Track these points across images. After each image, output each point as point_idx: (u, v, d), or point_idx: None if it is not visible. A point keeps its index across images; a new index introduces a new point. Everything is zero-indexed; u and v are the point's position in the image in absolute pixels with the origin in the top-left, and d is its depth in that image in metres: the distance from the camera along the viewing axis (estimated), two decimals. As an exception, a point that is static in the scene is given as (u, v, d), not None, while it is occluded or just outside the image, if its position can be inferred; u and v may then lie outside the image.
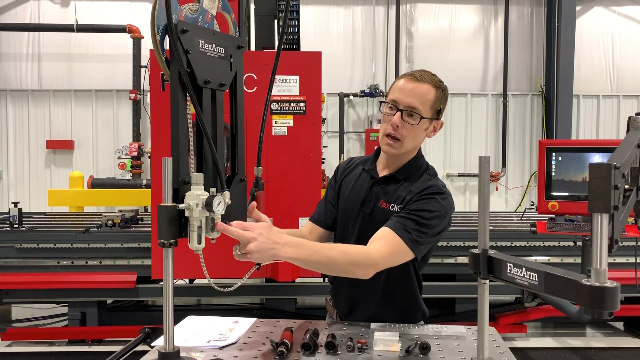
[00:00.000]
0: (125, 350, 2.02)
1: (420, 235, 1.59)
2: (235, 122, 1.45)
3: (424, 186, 1.69)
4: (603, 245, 0.98)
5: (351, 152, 8.07)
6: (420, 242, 1.60)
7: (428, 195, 1.66)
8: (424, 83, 1.68)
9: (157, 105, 3.74)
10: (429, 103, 1.68)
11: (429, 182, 1.72)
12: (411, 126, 1.67)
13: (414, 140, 1.72)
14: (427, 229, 1.60)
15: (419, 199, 1.66)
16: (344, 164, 1.98)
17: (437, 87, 1.70)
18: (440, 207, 1.64)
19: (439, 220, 1.64)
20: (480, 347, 1.29)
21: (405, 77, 1.72)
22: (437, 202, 1.65)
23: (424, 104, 1.67)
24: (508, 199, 8.21)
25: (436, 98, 1.69)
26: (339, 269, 1.53)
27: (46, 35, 7.83)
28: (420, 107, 1.66)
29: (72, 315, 4.22)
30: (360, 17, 8.06)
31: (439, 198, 1.66)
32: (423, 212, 1.62)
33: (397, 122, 1.67)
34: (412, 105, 1.66)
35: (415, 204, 1.65)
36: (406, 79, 1.70)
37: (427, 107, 1.68)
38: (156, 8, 1.25)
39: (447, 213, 1.67)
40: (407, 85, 1.68)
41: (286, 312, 4.31)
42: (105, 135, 7.92)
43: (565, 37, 7.59)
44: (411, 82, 1.68)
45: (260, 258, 1.36)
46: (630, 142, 1.25)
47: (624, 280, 1.72)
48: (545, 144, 3.46)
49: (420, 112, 1.67)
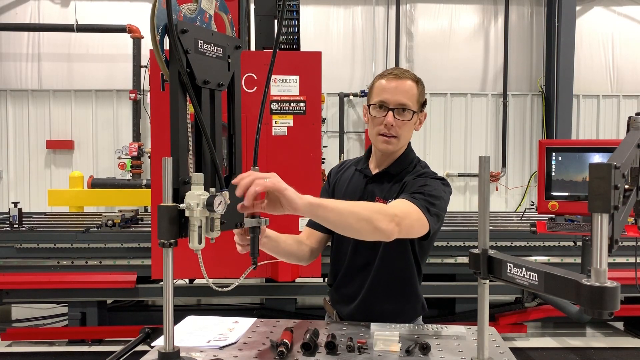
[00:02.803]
0: (125, 350, 2.02)
1: (430, 205, 1.60)
2: (233, 122, 1.45)
3: (419, 173, 1.75)
4: (603, 245, 0.98)
5: (351, 152, 8.07)
6: (431, 210, 1.59)
7: (424, 176, 1.72)
8: (405, 79, 1.72)
9: (157, 105, 3.74)
10: (415, 97, 1.73)
11: (422, 170, 1.78)
12: (404, 122, 1.72)
13: (408, 135, 1.77)
14: (433, 199, 1.62)
15: (416, 179, 1.71)
16: (336, 167, 2.01)
17: (417, 82, 1.75)
18: (437, 184, 1.69)
19: (441, 195, 1.67)
20: (480, 347, 1.29)
21: (384, 76, 1.74)
22: (434, 181, 1.70)
23: (411, 99, 1.72)
24: (508, 199, 8.20)
25: (419, 92, 1.75)
26: (364, 216, 1.42)
27: (46, 35, 7.82)
28: (409, 103, 1.71)
29: (72, 315, 4.23)
30: (360, 17, 8.05)
31: (435, 178, 1.72)
32: (424, 186, 1.65)
33: (392, 121, 1.70)
34: (402, 102, 1.70)
35: (413, 182, 1.69)
36: (387, 79, 1.73)
37: (414, 101, 1.73)
38: (156, 8, 1.25)
39: (445, 191, 1.70)
40: (391, 84, 1.71)
41: (286, 312, 4.31)
42: (105, 135, 7.91)
43: (565, 37, 7.58)
44: (394, 80, 1.72)
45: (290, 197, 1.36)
46: (630, 142, 1.25)
47: (624, 280, 1.72)
48: (545, 144, 3.46)
49: (411, 107, 1.71)
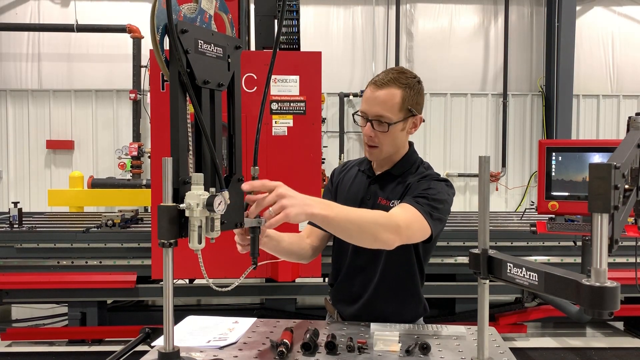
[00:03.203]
0: (125, 350, 2.02)
1: (433, 210, 1.60)
2: (233, 122, 1.45)
3: (422, 175, 1.76)
4: (603, 245, 0.98)
5: (351, 152, 8.07)
6: (433, 216, 1.60)
7: (428, 178, 1.73)
8: (386, 88, 1.67)
9: (157, 105, 3.74)
10: (396, 107, 1.67)
11: (425, 172, 1.78)
12: (382, 133, 1.69)
13: (393, 143, 1.74)
14: (436, 203, 1.62)
15: (420, 181, 1.71)
16: (338, 168, 2.02)
17: (403, 87, 1.67)
18: (441, 187, 1.69)
19: (445, 198, 1.67)
20: (480, 347, 1.29)
21: (370, 84, 1.72)
22: (438, 183, 1.70)
23: (390, 109, 1.67)
24: (508, 199, 8.20)
25: (403, 98, 1.67)
26: (366, 229, 1.46)
27: (46, 35, 7.82)
28: (386, 114, 1.67)
29: (72, 315, 4.23)
30: (360, 17, 8.05)
31: (438, 180, 1.72)
32: (428, 189, 1.65)
33: (369, 133, 1.71)
34: (378, 114, 1.68)
35: (417, 184, 1.70)
36: (370, 88, 1.71)
37: (395, 111, 1.67)
38: (156, 8, 1.25)
39: (449, 193, 1.70)
40: (371, 94, 1.69)
41: (286, 312, 4.31)
42: (105, 135, 7.91)
43: (565, 37, 7.58)
44: (375, 90, 1.69)
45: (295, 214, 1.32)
46: (630, 142, 1.25)
47: (624, 280, 1.72)
48: (545, 144, 3.46)
49: (388, 120, 1.67)
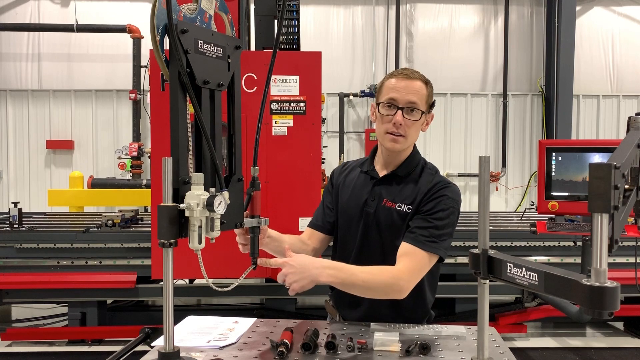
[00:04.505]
0: (125, 350, 2.02)
1: (441, 238, 1.66)
2: (233, 122, 1.45)
3: (431, 184, 1.74)
4: (603, 245, 0.98)
5: (351, 152, 8.07)
6: (440, 244, 1.66)
7: (438, 194, 1.71)
8: (415, 80, 1.74)
9: (157, 105, 3.74)
10: (424, 98, 1.74)
11: (433, 178, 1.77)
12: (412, 122, 1.72)
13: (415, 135, 1.78)
14: (446, 229, 1.68)
15: (430, 199, 1.71)
16: (338, 168, 2.01)
17: (426, 83, 1.77)
18: (452, 202, 1.71)
19: (454, 216, 1.72)
20: (480, 347, 1.29)
21: (395, 76, 1.75)
22: (448, 198, 1.71)
23: (420, 99, 1.73)
24: (508, 199, 8.20)
25: (428, 93, 1.76)
26: (373, 291, 1.60)
27: (46, 35, 7.82)
28: (419, 102, 1.72)
29: (72, 315, 4.22)
30: (360, 17, 8.05)
31: (448, 193, 1.72)
32: (438, 212, 1.68)
33: (400, 120, 1.71)
34: (411, 101, 1.71)
35: (427, 204, 1.70)
36: (397, 78, 1.74)
37: (424, 102, 1.74)
38: (156, 8, 1.25)
39: (458, 204, 1.74)
40: (401, 83, 1.73)
41: (286, 312, 4.31)
42: (105, 135, 7.91)
43: (565, 37, 7.58)
44: (404, 79, 1.73)
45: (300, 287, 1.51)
46: (630, 142, 1.25)
47: (624, 280, 1.72)
48: (545, 144, 3.46)
49: (420, 107, 1.72)
